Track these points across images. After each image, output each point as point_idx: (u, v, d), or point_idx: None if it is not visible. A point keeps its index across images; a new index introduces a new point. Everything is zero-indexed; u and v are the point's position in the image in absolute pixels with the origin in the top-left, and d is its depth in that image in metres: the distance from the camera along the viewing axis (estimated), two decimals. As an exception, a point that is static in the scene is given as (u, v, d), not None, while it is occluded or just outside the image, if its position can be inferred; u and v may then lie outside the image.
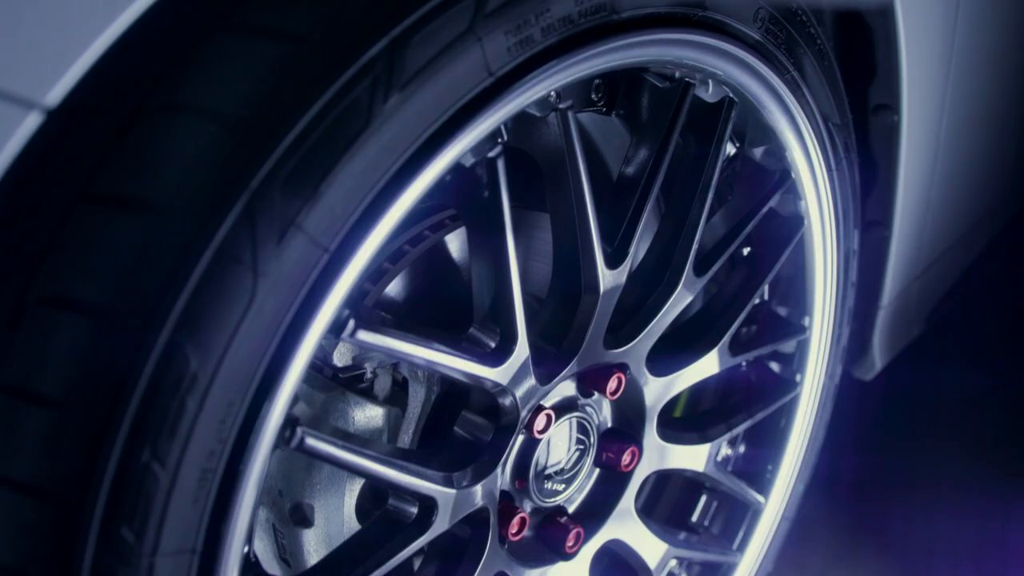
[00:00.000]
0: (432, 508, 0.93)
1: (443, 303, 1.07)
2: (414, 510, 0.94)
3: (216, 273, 0.67)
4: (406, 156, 0.75)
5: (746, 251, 1.32)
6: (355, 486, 1.01)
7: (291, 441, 0.77)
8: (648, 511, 1.43)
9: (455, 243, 1.11)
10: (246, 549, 0.82)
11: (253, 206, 0.67)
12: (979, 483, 1.77)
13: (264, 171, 0.68)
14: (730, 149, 1.24)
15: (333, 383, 1.01)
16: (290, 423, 0.77)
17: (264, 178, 0.68)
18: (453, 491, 0.95)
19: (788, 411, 1.42)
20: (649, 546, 1.26)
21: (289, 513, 1.02)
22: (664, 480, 1.50)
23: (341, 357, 1.02)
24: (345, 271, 0.74)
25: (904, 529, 1.74)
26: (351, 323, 0.77)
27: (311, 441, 0.79)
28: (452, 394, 1.05)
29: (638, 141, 1.07)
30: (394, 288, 1.07)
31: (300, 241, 0.70)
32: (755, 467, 1.46)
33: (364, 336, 0.79)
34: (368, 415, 1.01)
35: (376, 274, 1.07)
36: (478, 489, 0.99)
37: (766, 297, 1.40)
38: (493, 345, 0.95)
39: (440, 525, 0.94)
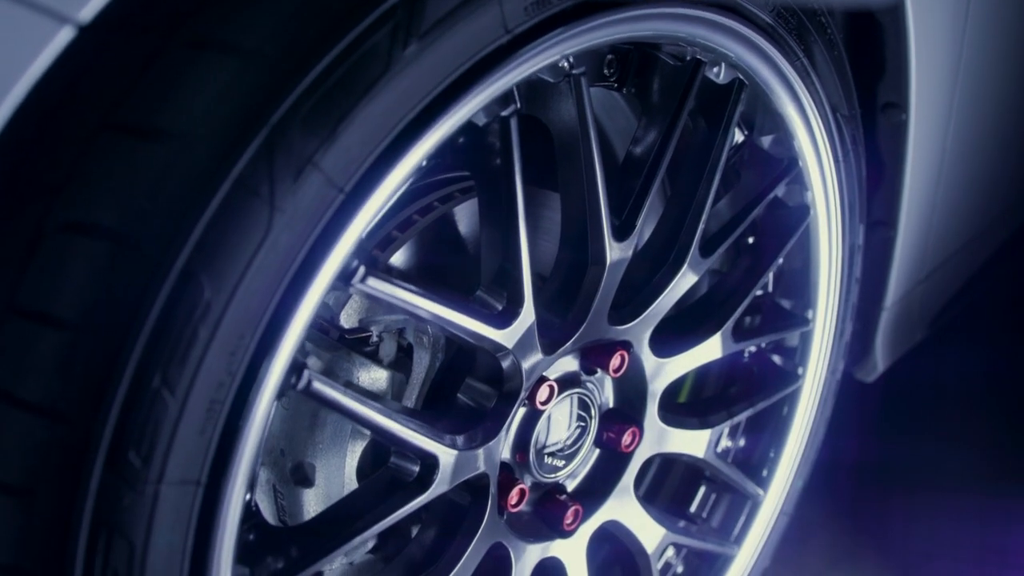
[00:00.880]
0: (433, 467, 0.93)
1: (450, 271, 1.09)
2: (415, 468, 0.94)
3: (233, 204, 0.68)
4: (422, 105, 0.76)
5: (751, 239, 1.34)
6: (357, 447, 1.02)
7: (299, 383, 0.78)
8: (648, 500, 1.43)
9: (464, 214, 1.12)
10: (248, 496, 0.82)
11: (272, 141, 0.69)
12: (979, 484, 1.77)
13: (284, 107, 0.69)
14: (738, 136, 1.26)
15: (339, 344, 1.02)
16: (298, 367, 0.78)
17: (284, 114, 0.69)
18: (455, 452, 0.95)
19: (790, 402, 1.43)
20: (647, 530, 1.27)
21: (290, 472, 1.02)
22: (664, 471, 1.51)
23: (348, 318, 1.03)
24: (359, 214, 0.75)
25: (904, 530, 1.73)
26: (361, 269, 0.78)
27: (318, 385, 0.80)
28: (456, 361, 1.06)
29: (648, 118, 1.09)
30: (402, 256, 1.08)
31: (316, 179, 0.71)
32: (755, 460, 1.47)
33: (374, 283, 0.80)
34: (373, 376, 1.02)
35: (385, 241, 1.09)
36: (480, 453, 0.99)
37: (770, 289, 1.41)
38: (500, 307, 0.96)
39: (440, 486, 0.95)
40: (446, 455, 0.94)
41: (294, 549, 0.86)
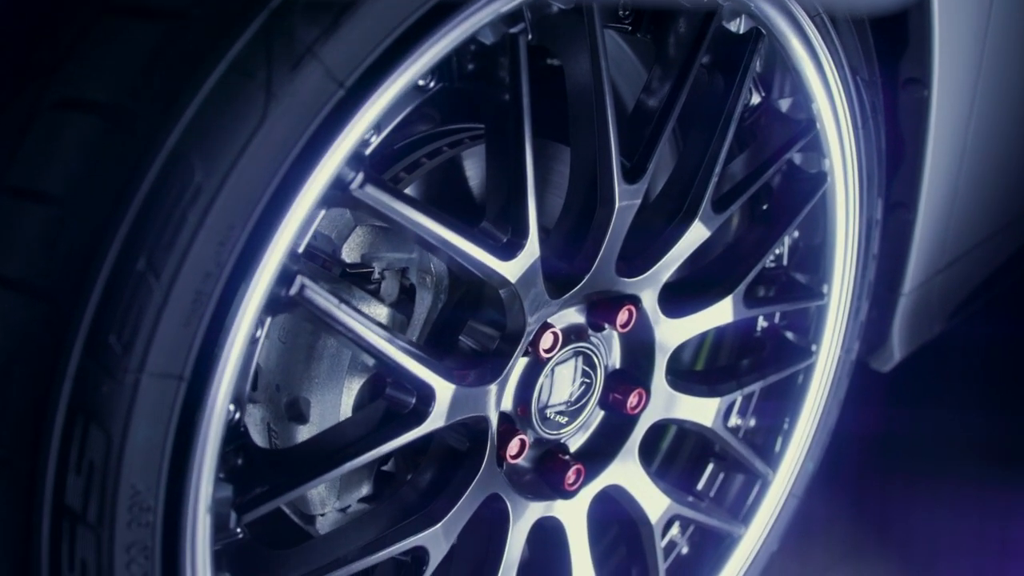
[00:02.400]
0: (429, 399, 0.90)
1: (454, 210, 1.06)
2: (411, 400, 0.91)
3: (228, 87, 0.66)
4: (428, 7, 0.74)
5: (765, 206, 1.31)
6: (354, 384, 0.99)
7: (291, 288, 0.75)
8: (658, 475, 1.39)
9: (472, 161, 1.10)
10: (237, 415, 0.80)
11: (271, 25, 0.67)
12: (992, 477, 1.72)
13: (285, -8, 0.67)
14: (755, 99, 1.23)
15: (341, 279, 1.00)
16: (289, 276, 0.76)
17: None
18: (452, 386, 0.92)
19: (804, 379, 1.39)
20: (651, 498, 1.23)
21: (285, 409, 1.00)
22: (674, 448, 1.47)
23: (350, 253, 1.01)
24: (359, 114, 0.73)
25: (916, 523, 1.69)
26: (360, 174, 0.76)
27: (310, 293, 0.77)
28: (460, 304, 1.03)
29: (661, 64, 1.07)
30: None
31: (315, 70, 0.69)
32: (765, 438, 1.43)
33: (371, 192, 0.78)
34: (374, 313, 0.99)
35: (392, 181, 1.07)
36: (479, 393, 0.96)
37: (785, 263, 1.38)
38: (504, 239, 0.93)
39: (436, 420, 0.92)
40: (443, 388, 0.91)
41: (280, 472, 0.83)
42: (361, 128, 0.74)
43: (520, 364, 1.05)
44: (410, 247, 1.02)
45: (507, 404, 1.06)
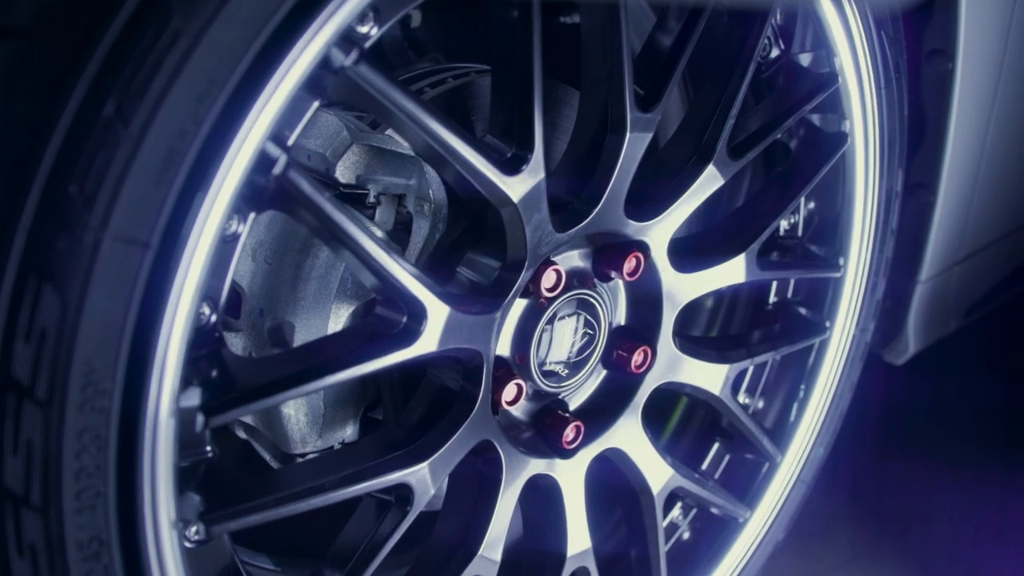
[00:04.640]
0: (421, 317, 0.84)
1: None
2: (402, 319, 0.85)
3: (214, -76, 0.61)
4: None
5: (780, 168, 1.25)
6: (342, 308, 0.93)
7: (274, 166, 0.70)
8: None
9: (476, 93, 1.05)
10: (212, 318, 0.73)
11: None
12: (1006, 474, 1.65)
13: None
14: (775, 52, 1.19)
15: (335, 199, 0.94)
16: (272, 160, 0.70)
17: None
18: (447, 308, 0.86)
19: (817, 356, 1.32)
20: (653, 465, 1.16)
21: (268, 334, 0.93)
22: (680, 427, 1.41)
23: (345, 172, 0.96)
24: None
25: (917, 524, 1.62)
26: (354, 51, 0.71)
27: (295, 176, 0.71)
28: (460, 234, 0.97)
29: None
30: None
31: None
32: (775, 418, 1.36)
33: (367, 74, 0.73)
34: (365, 235, 0.93)
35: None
36: (475, 324, 0.90)
37: (800, 233, 1.32)
38: (508, 154, 0.87)
39: (427, 343, 0.85)
40: (437, 308, 0.85)
41: (252, 380, 0.76)
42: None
43: (520, 306, 0.99)
44: (408, 172, 0.96)
45: (505, 349, 1.00)
